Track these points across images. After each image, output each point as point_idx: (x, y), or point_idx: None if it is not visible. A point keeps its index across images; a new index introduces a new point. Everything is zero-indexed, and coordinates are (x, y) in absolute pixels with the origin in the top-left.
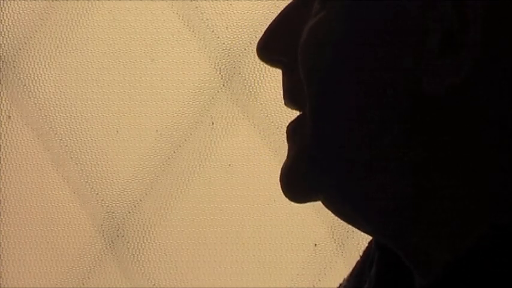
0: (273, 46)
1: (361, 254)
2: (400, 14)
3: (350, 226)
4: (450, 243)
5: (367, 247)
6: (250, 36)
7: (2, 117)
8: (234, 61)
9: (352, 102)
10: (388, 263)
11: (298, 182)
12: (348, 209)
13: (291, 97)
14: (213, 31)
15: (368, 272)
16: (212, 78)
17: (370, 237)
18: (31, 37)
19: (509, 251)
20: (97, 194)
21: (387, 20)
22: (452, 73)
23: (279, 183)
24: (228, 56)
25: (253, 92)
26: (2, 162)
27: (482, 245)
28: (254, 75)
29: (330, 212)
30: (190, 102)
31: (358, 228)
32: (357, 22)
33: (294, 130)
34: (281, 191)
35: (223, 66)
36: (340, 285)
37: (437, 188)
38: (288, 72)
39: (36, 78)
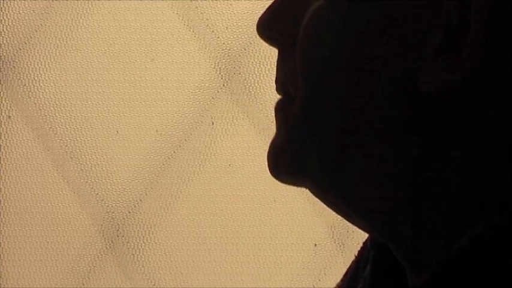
0: (274, 24)
1: None
2: (401, 11)
3: (350, 226)
4: (445, 242)
5: (361, 247)
6: (250, 36)
7: (2, 117)
8: (234, 61)
9: (348, 99)
10: (383, 263)
11: (286, 164)
12: (335, 198)
13: (283, 82)
14: (213, 31)
15: (362, 272)
16: (212, 78)
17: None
18: (31, 37)
19: (503, 250)
20: (97, 194)
21: (387, 17)
22: (449, 72)
23: (266, 160)
24: (228, 56)
25: (253, 92)
26: (2, 162)
27: (477, 243)
28: (254, 75)
29: (330, 212)
30: (190, 102)
31: (345, 218)
32: (357, 17)
33: (282, 108)
34: (268, 170)
35: (223, 66)
36: (337, 285)
37: (434, 187)
38: (284, 54)
39: (36, 78)
